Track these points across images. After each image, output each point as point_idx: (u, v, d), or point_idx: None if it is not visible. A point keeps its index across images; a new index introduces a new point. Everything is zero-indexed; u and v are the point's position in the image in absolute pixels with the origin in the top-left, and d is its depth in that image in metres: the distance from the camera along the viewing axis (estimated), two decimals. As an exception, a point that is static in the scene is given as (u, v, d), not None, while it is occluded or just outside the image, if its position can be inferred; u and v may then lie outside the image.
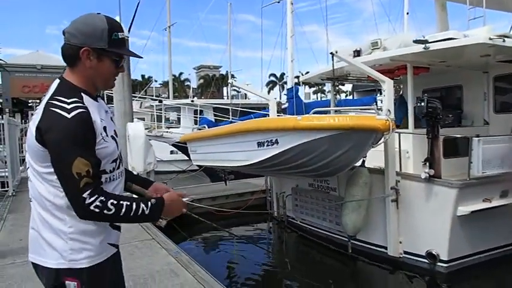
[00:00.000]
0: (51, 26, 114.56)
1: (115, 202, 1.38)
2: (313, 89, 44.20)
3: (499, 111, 7.20)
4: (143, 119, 16.24)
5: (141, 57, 1.80)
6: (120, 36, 1.48)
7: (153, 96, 24.41)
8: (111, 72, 1.52)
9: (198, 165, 8.49)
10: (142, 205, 1.43)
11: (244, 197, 8.90)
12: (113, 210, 1.37)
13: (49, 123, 1.35)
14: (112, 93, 9.00)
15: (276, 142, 4.54)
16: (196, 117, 15.93)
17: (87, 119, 1.37)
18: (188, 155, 7.40)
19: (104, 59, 1.47)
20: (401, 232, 5.29)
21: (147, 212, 1.44)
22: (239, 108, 14.76)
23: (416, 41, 5.57)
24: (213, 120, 15.01)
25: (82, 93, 1.45)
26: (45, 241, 1.44)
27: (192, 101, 17.65)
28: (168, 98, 23.30)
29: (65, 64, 1.51)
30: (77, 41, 1.42)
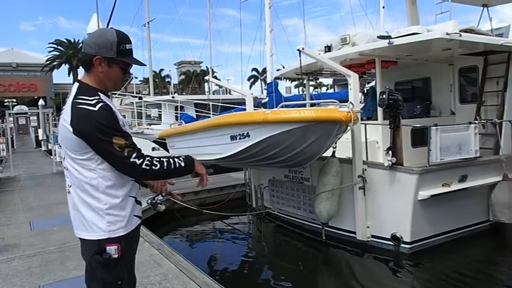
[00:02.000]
0: (25, 22, 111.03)
1: (157, 159, 1.73)
2: (294, 83, 44.43)
3: (464, 101, 7.57)
4: (124, 116, 16.10)
5: (145, 65, 2.12)
6: (127, 48, 1.79)
7: (133, 93, 24.19)
8: (119, 76, 1.84)
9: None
10: (177, 159, 1.79)
11: (225, 191, 9.15)
12: (159, 166, 1.71)
13: (82, 118, 1.64)
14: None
15: (248, 135, 4.76)
16: (178, 114, 15.94)
17: (110, 109, 1.69)
18: (168, 151, 7.55)
19: (113, 66, 1.78)
20: (369, 217, 5.61)
21: (183, 164, 1.79)
22: (220, 104, 14.83)
23: (380, 37, 5.85)
24: (194, 116, 15.05)
25: (99, 92, 1.76)
26: (86, 219, 1.75)
27: (173, 97, 17.57)
28: (149, 94, 23.11)
29: (41, 62, 1.80)
30: (92, 50, 1.75)
